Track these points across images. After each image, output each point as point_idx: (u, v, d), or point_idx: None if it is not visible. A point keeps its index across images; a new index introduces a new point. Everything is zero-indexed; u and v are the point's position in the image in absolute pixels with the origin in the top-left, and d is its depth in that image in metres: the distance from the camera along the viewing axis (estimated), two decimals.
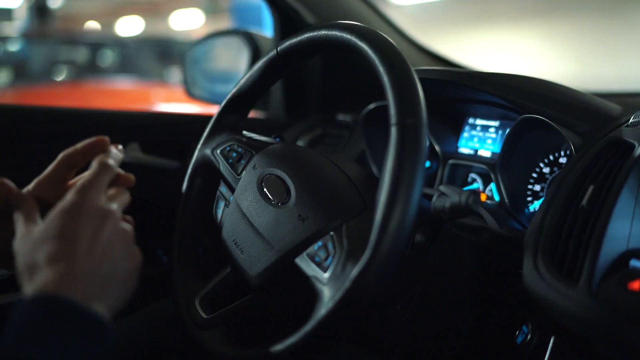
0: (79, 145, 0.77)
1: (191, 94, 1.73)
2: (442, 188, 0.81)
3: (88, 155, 0.76)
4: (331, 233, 0.74)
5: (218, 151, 0.93)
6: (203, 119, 1.36)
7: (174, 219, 0.97)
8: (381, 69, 0.73)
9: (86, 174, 0.71)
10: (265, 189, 0.84)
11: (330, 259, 0.71)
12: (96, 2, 15.19)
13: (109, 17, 16.17)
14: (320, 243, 0.74)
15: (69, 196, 0.66)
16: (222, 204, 0.94)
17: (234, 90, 0.95)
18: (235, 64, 1.60)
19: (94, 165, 0.71)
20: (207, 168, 0.95)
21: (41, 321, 0.57)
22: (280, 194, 0.82)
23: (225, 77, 1.70)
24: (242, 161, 0.90)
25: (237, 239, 0.85)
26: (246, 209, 0.85)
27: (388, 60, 0.73)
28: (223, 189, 0.94)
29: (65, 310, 0.59)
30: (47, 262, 0.61)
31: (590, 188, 0.77)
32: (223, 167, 0.91)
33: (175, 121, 1.38)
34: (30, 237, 0.65)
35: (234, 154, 0.91)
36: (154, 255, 1.29)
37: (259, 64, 0.91)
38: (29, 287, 0.60)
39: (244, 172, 0.89)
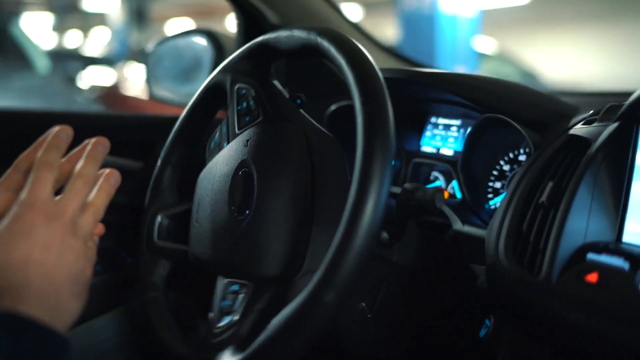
0: (32, 146, 0.71)
1: (154, 95, 1.72)
2: (408, 186, 0.82)
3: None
4: None
5: (236, 87, 0.91)
6: (167, 120, 1.35)
7: (138, 220, 0.97)
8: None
9: (27, 182, 0.67)
10: (234, 185, 0.83)
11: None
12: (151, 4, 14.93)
13: (161, 20, 16.04)
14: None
15: (13, 209, 0.64)
16: (213, 144, 0.95)
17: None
18: (198, 65, 1.60)
19: (33, 168, 0.67)
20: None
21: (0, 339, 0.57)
22: (243, 201, 0.82)
23: (187, 78, 1.69)
24: (247, 118, 0.88)
25: (199, 207, 0.88)
26: (211, 192, 0.86)
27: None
28: (224, 127, 0.93)
29: (23, 327, 0.58)
30: (1, 280, 0.60)
31: (550, 184, 0.79)
32: (231, 108, 0.91)
33: (138, 122, 1.37)
34: None
35: (245, 104, 0.89)
36: (119, 257, 1.28)
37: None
38: None
39: (240, 135, 0.87)
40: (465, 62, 6.30)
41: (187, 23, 16.28)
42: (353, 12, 14.15)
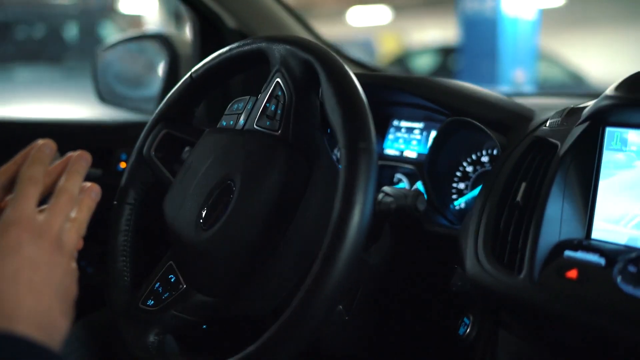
0: (11, 160, 0.70)
1: (103, 100, 1.69)
2: (386, 189, 0.84)
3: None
4: None
5: (276, 80, 0.85)
6: (126, 125, 1.33)
7: (96, 228, 0.95)
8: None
9: (10, 197, 0.66)
10: (212, 194, 0.83)
11: None
12: None
13: None
14: None
15: None
16: (235, 107, 0.91)
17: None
18: (151, 70, 1.58)
19: (17, 183, 0.66)
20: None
21: None
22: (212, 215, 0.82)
23: (140, 83, 1.67)
24: (268, 122, 0.84)
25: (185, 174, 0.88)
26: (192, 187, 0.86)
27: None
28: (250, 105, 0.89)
29: (18, 346, 0.57)
30: None
31: (523, 185, 0.82)
32: (262, 96, 0.86)
33: (96, 128, 1.35)
34: None
35: (273, 107, 0.84)
36: (79, 267, 1.25)
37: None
38: None
39: (249, 139, 0.84)
40: (525, 64, 6.37)
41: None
42: (382, 15, 14.09)
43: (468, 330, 0.86)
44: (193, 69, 0.93)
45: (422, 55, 9.97)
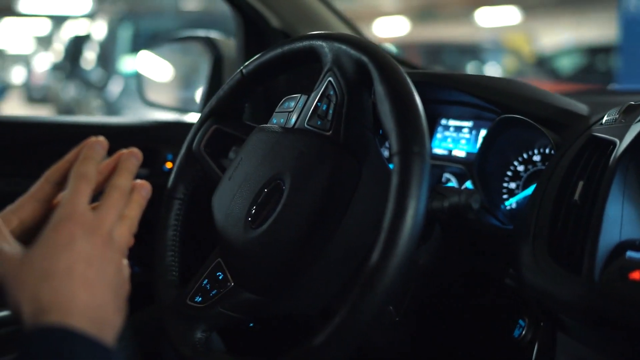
0: (64, 158, 0.70)
1: (147, 101, 1.70)
2: (438, 188, 0.82)
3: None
4: None
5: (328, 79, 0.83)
6: (171, 126, 1.34)
7: (144, 227, 0.95)
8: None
9: (63, 194, 0.65)
10: (261, 193, 0.82)
11: None
12: None
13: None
14: None
15: (52, 221, 0.62)
16: (286, 105, 0.91)
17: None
18: (196, 71, 1.59)
19: (69, 179, 0.66)
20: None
21: (51, 355, 0.55)
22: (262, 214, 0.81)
23: (185, 84, 1.68)
24: (319, 122, 0.82)
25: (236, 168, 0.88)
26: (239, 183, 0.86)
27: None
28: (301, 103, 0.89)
29: (74, 341, 0.56)
30: (45, 294, 0.58)
31: (580, 184, 0.80)
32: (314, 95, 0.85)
33: (142, 128, 1.35)
34: (15, 264, 0.61)
35: (325, 106, 0.82)
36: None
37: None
38: (30, 320, 0.57)
39: (300, 136, 0.83)
40: None
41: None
42: (511, 16, 14.10)
43: (524, 332, 0.83)
44: (243, 65, 0.92)
45: (565, 55, 9.71)
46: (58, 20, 15.78)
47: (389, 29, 16.00)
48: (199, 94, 1.57)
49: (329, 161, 0.78)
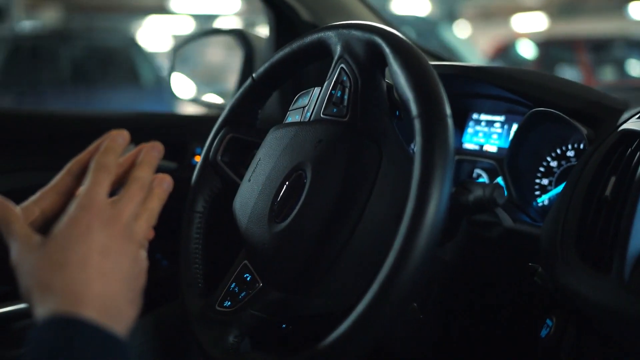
0: (86, 150, 0.70)
1: (179, 94, 1.71)
2: (465, 183, 0.80)
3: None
4: None
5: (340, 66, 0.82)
6: (201, 120, 1.34)
7: (172, 222, 0.95)
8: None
9: (84, 184, 0.65)
10: (282, 187, 0.81)
11: None
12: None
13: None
14: None
15: (70, 211, 0.62)
16: (301, 101, 0.90)
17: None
18: (227, 65, 1.58)
19: (89, 170, 0.66)
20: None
21: (60, 343, 0.55)
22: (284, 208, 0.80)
23: (216, 77, 1.68)
24: (335, 109, 0.82)
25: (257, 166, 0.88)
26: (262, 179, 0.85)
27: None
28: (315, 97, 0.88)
29: (84, 331, 0.56)
30: (58, 283, 0.58)
31: (612, 179, 0.77)
32: (327, 85, 0.84)
33: (171, 121, 1.36)
34: (31, 254, 0.61)
35: (339, 93, 0.81)
36: (154, 259, 1.27)
37: None
38: (41, 309, 0.58)
39: (317, 126, 0.82)
40: None
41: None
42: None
43: (551, 332, 0.81)
44: (255, 72, 0.92)
45: None
46: (203, 19, 15.98)
47: (528, 25, 15.64)
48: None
49: (348, 147, 0.77)
